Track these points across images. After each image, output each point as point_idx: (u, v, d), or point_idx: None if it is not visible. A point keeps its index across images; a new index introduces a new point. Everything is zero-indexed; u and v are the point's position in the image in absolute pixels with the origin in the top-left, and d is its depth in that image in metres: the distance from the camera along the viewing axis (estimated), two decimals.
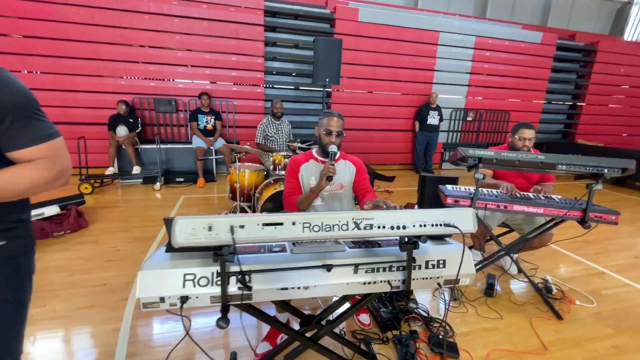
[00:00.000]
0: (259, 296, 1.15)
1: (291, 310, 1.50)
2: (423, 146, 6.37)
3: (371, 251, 1.28)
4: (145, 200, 4.20)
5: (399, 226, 1.04)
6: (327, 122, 1.73)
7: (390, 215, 1.04)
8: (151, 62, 5.09)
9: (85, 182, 4.23)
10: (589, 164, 1.84)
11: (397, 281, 1.26)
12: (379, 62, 6.09)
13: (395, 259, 1.25)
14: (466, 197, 2.10)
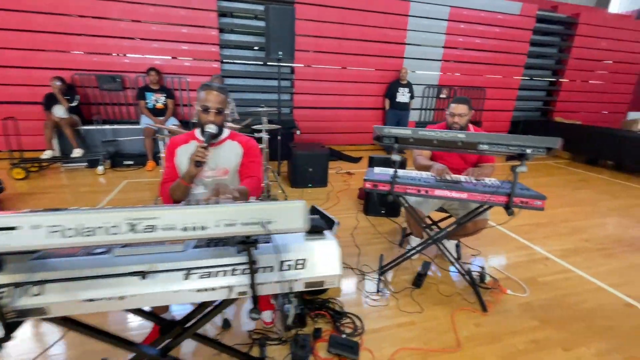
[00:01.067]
0: (59, 310, 0.94)
1: (148, 315, 1.30)
2: (393, 125, 6.10)
3: (217, 251, 1.07)
4: (85, 186, 3.92)
5: (196, 227, 0.81)
6: (204, 96, 1.46)
7: (186, 212, 0.81)
8: (92, 35, 4.66)
9: (18, 167, 3.92)
10: (512, 143, 1.62)
11: (242, 287, 1.05)
12: (346, 34, 5.70)
13: (239, 261, 1.04)
14: (387, 181, 1.88)
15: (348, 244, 2.71)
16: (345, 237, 2.81)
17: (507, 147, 1.64)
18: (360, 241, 2.75)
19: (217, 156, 1.53)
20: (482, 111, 6.98)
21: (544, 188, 4.51)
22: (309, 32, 5.55)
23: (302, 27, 5.47)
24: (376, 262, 2.42)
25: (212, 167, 1.51)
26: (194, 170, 1.32)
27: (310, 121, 5.96)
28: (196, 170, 1.32)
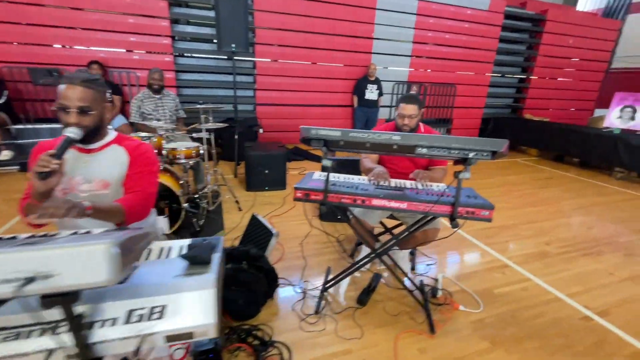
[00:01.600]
0: None
1: None
2: (362, 123, 5.88)
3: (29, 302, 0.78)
4: (18, 192, 3.49)
5: None
6: (62, 92, 1.13)
7: None
8: (25, 23, 4.18)
9: None
10: (453, 145, 1.41)
11: (69, 349, 0.78)
12: (313, 28, 5.43)
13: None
14: (319, 189, 1.64)
15: (295, 255, 2.46)
16: (293, 247, 2.56)
17: (448, 150, 1.42)
18: (309, 251, 2.51)
19: (95, 165, 1.22)
20: (452, 108, 6.88)
21: (511, 186, 4.43)
22: (272, 24, 5.24)
23: (264, 19, 5.16)
24: (323, 275, 2.19)
25: (88, 180, 1.21)
26: (39, 184, 1.02)
27: (275, 119, 5.67)
28: (42, 184, 1.02)
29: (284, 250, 2.50)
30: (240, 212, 3.16)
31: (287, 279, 2.13)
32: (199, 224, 2.76)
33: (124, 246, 0.63)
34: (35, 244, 0.65)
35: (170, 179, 2.66)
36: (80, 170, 1.21)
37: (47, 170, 1.01)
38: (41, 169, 1.00)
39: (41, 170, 1.00)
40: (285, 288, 2.06)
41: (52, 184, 1.04)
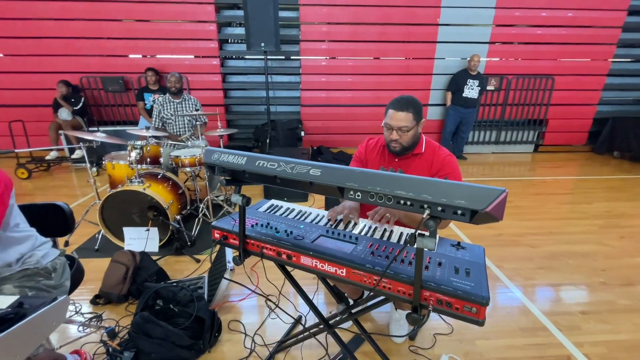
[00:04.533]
0: None
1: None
2: (454, 124, 5.03)
3: None
4: (82, 187, 3.99)
5: None
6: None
7: None
8: (97, 37, 4.74)
9: (22, 167, 4.16)
10: (398, 193, 0.81)
11: None
12: (363, 18, 4.85)
13: None
14: (235, 232, 1.21)
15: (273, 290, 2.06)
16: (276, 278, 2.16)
17: (393, 200, 0.83)
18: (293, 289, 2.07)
19: None
20: (548, 106, 5.40)
21: (618, 219, 3.12)
22: (318, 18, 4.86)
23: (310, 13, 4.82)
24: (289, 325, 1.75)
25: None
26: None
27: (321, 120, 5.30)
28: None
29: (257, 283, 2.12)
30: None
31: (243, 325, 1.76)
32: (190, 238, 2.59)
33: None
34: None
35: (162, 189, 2.55)
36: None
37: None
38: None
39: None
40: (235, 337, 1.69)
41: None
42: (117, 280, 1.91)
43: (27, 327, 0.86)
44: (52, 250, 1.34)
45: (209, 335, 1.56)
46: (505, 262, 2.38)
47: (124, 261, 1.98)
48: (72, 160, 4.65)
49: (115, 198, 2.40)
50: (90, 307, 1.91)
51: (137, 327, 1.40)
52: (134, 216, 2.49)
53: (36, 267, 1.25)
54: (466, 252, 1.11)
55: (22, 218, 1.25)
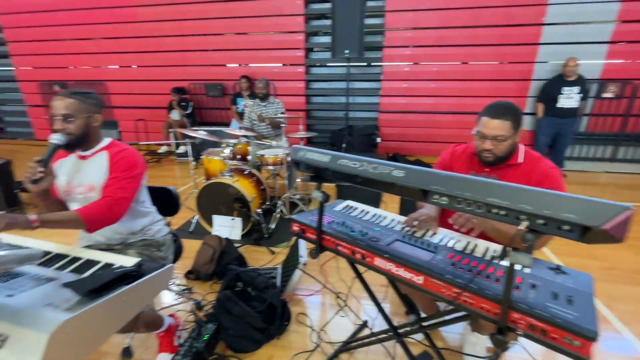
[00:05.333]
0: None
1: None
2: (549, 137, 4.44)
3: None
4: (183, 177, 4.66)
5: None
6: (51, 103, 1.28)
7: None
8: (201, 50, 5.47)
9: None
10: (490, 201, 0.75)
11: None
12: (451, 21, 4.60)
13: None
14: (313, 226, 1.27)
15: (338, 292, 2.09)
16: (340, 281, 2.18)
17: (485, 207, 0.78)
18: (358, 293, 2.08)
19: (85, 171, 1.36)
20: None
21: None
22: (404, 24, 4.78)
23: (396, 20, 4.77)
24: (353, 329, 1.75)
25: (81, 183, 1.35)
26: (32, 187, 1.18)
27: (398, 127, 5.18)
28: (34, 187, 1.18)
29: (325, 282, 2.17)
30: None
31: (310, 319, 1.82)
32: (268, 231, 2.78)
33: None
34: None
35: (248, 184, 2.80)
36: (76, 175, 1.36)
37: (33, 178, 1.16)
38: (28, 176, 1.16)
39: (29, 176, 1.17)
40: (301, 330, 1.76)
41: (43, 186, 1.20)
42: (206, 260, 2.16)
43: (144, 284, 1.05)
44: (164, 227, 1.60)
45: (279, 323, 1.66)
46: (618, 302, 1.99)
47: (213, 244, 2.23)
48: (177, 154, 5.44)
49: (209, 188, 2.73)
50: (183, 280, 2.20)
51: (220, 303, 1.57)
52: (221, 206, 2.79)
53: (152, 239, 1.50)
54: (568, 277, 0.97)
55: (147, 197, 1.52)
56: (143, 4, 5.40)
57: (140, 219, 1.46)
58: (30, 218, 1.07)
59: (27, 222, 1.06)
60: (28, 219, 1.06)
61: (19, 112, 6.77)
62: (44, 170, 1.18)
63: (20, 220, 1.04)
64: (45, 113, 6.44)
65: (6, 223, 1.00)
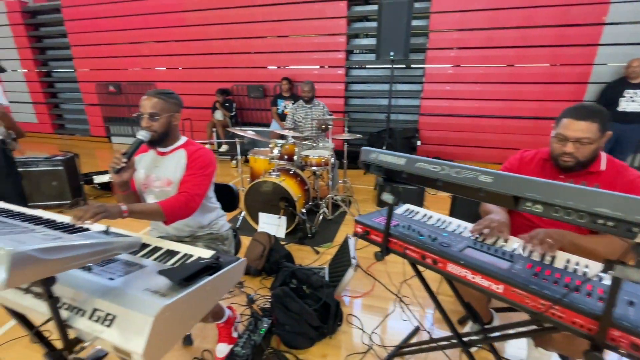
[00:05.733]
0: None
1: None
2: (607, 144, 4.15)
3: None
4: (224, 175, 4.84)
5: None
6: (140, 102, 1.39)
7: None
8: (245, 52, 5.65)
9: None
10: (597, 210, 0.72)
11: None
12: (501, 22, 4.43)
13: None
14: (380, 229, 1.27)
15: (387, 295, 2.07)
16: (389, 285, 2.17)
17: (589, 217, 0.74)
18: (407, 297, 2.05)
19: (163, 166, 1.45)
20: None
21: None
22: (450, 25, 4.66)
23: (441, 21, 4.67)
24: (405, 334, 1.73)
25: (158, 177, 1.44)
26: (114, 177, 1.28)
27: (439, 130, 5.05)
28: (116, 177, 1.28)
29: (374, 285, 2.16)
30: None
31: (360, 321, 1.82)
32: (312, 230, 2.82)
33: (21, 257, 0.67)
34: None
35: (293, 184, 2.85)
36: (154, 169, 1.46)
37: (117, 167, 1.26)
38: (113, 165, 1.27)
39: (114, 166, 1.27)
40: (352, 330, 1.77)
41: (125, 177, 1.30)
42: (256, 256, 2.23)
43: (223, 276, 1.10)
44: (227, 223, 1.67)
45: (332, 322, 1.67)
46: None
47: (263, 241, 2.30)
48: (219, 153, 5.65)
49: (257, 186, 2.81)
50: None
51: (277, 299, 1.62)
52: (268, 204, 2.87)
53: (217, 233, 1.58)
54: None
55: (213, 193, 1.60)
56: (191, 9, 5.68)
57: (208, 214, 1.54)
58: (122, 208, 1.16)
59: (120, 212, 1.15)
60: (120, 209, 1.15)
61: (78, 110, 7.35)
62: (127, 162, 1.28)
63: (114, 210, 1.13)
64: (101, 112, 6.99)
65: (103, 212, 1.09)
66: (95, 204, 1.10)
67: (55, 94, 7.61)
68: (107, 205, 1.12)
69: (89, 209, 1.07)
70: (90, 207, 1.08)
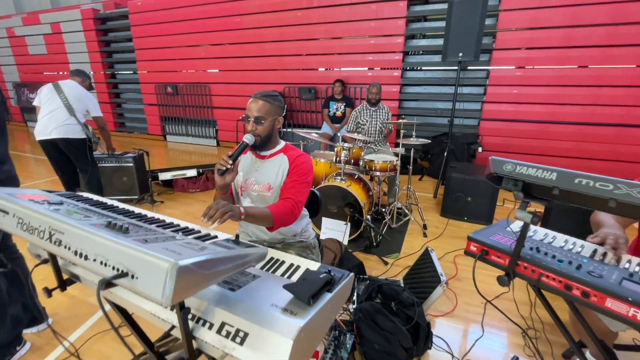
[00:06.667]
0: None
1: None
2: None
3: None
4: None
5: (82, 254, 0.72)
6: (247, 105, 1.36)
7: (82, 235, 0.73)
8: (298, 54, 5.67)
9: None
10: None
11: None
12: (582, 20, 4.02)
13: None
14: (506, 249, 1.13)
15: (471, 316, 1.90)
16: (472, 305, 1.99)
17: None
18: (493, 319, 1.87)
19: (263, 170, 1.41)
20: None
21: None
22: (520, 24, 4.32)
23: (510, 19, 4.35)
24: None
25: (258, 181, 1.40)
26: (217, 179, 1.25)
27: (502, 136, 4.70)
28: (220, 179, 1.25)
29: (457, 303, 1.99)
30: (423, 239, 2.84)
31: (446, 343, 1.67)
32: (377, 239, 2.70)
33: (184, 271, 0.62)
34: (135, 232, 0.77)
35: (359, 189, 2.75)
36: (254, 173, 1.42)
37: (223, 169, 1.23)
38: (220, 167, 1.24)
39: (219, 167, 1.24)
40: (439, 354, 1.62)
41: (227, 180, 1.27)
42: (327, 264, 2.15)
43: (339, 292, 1.02)
44: (313, 230, 1.60)
45: (422, 344, 1.54)
46: None
47: (333, 249, 2.22)
48: None
49: (322, 191, 2.74)
50: None
51: (367, 314, 1.52)
52: (332, 209, 2.79)
53: (307, 241, 1.52)
54: None
55: None
56: (247, 12, 5.80)
57: (300, 221, 1.48)
58: (241, 210, 1.12)
59: (239, 214, 1.11)
60: (240, 211, 1.12)
61: (137, 109, 7.83)
62: (232, 165, 1.24)
63: (236, 211, 1.09)
64: (158, 111, 7.39)
65: (229, 212, 1.05)
66: (221, 203, 1.07)
67: (118, 94, 8.17)
68: (231, 205, 1.08)
69: (218, 208, 1.04)
70: (218, 206, 1.05)
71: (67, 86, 2.88)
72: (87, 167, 2.99)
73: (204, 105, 6.76)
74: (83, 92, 2.96)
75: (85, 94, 2.97)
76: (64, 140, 2.82)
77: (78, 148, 2.90)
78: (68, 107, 2.82)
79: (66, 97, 2.83)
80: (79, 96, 2.90)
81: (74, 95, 2.87)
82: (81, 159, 2.95)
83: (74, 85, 2.92)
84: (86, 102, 2.94)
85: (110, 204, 1.26)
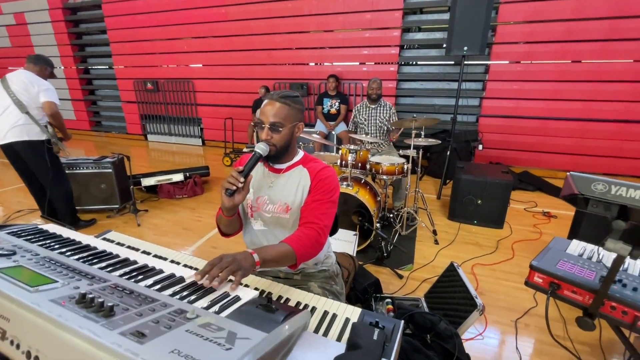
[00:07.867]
0: None
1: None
2: None
3: None
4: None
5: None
6: (262, 108, 1.10)
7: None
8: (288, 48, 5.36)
9: (226, 156, 5.06)
10: None
11: None
12: (583, 12, 3.92)
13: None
14: (587, 286, 0.92)
15: (501, 336, 1.72)
16: (500, 323, 1.81)
17: None
18: (526, 341, 1.69)
19: (279, 187, 1.15)
20: None
21: None
22: (521, 17, 4.19)
23: (511, 11, 4.20)
24: None
25: (272, 201, 1.14)
26: (225, 200, 0.99)
27: (502, 133, 4.59)
28: (228, 200, 0.99)
29: (487, 324, 1.81)
30: (435, 247, 2.65)
31: None
32: (387, 250, 2.49)
33: None
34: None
35: (367, 195, 2.53)
36: (266, 190, 1.16)
37: (233, 188, 0.98)
38: (229, 186, 0.98)
39: (228, 187, 0.98)
40: None
41: (237, 200, 1.01)
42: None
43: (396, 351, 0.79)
44: (333, 254, 1.36)
45: None
46: None
47: (346, 265, 1.98)
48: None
49: None
50: None
51: (402, 355, 1.30)
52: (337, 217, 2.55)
53: (329, 269, 1.28)
54: None
55: None
56: (233, 3, 5.44)
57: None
58: (255, 259, 0.86)
59: (253, 265, 0.85)
60: (253, 261, 0.85)
61: (115, 107, 7.31)
62: (243, 182, 0.99)
63: (247, 263, 0.83)
64: (138, 109, 6.91)
65: (237, 270, 0.79)
66: (225, 258, 0.80)
67: (93, 91, 7.61)
68: (238, 258, 0.81)
69: (223, 266, 0.78)
70: (223, 263, 0.78)
71: (16, 79, 2.44)
72: (47, 175, 2.56)
73: (188, 103, 6.36)
74: (34, 79, 2.47)
75: (37, 80, 2.48)
76: (20, 143, 2.44)
77: (35, 150, 2.49)
78: (18, 104, 2.40)
79: (14, 92, 2.41)
80: (27, 87, 2.43)
81: (23, 88, 2.43)
82: (38, 163, 2.53)
83: (24, 76, 2.46)
84: (37, 89, 2.45)
85: (79, 240, 0.97)
